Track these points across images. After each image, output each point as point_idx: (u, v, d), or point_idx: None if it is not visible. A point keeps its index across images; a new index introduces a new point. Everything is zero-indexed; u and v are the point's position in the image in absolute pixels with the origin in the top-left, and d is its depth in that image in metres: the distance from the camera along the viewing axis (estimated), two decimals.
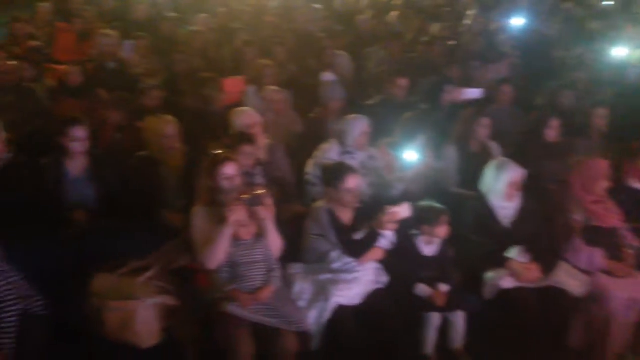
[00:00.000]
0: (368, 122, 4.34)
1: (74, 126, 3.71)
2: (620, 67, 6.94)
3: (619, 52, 7.16)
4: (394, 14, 9.46)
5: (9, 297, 2.86)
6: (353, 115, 4.42)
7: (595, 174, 3.84)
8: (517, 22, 8.75)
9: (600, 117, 5.06)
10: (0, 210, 3.11)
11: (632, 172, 4.37)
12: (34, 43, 6.41)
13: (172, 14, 8.38)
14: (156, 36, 7.04)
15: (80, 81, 5.39)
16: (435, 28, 8.57)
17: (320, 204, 3.56)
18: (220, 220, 3.14)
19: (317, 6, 9.76)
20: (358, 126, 4.29)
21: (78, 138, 3.70)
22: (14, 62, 5.25)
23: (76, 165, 3.76)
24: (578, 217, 3.80)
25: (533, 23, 9.25)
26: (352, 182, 3.49)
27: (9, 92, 4.98)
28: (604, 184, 3.86)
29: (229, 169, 3.33)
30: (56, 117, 4.70)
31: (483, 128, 4.70)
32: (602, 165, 3.89)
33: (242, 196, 3.15)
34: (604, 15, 10.67)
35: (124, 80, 5.76)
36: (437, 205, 3.59)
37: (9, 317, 2.82)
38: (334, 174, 3.53)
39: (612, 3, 11.99)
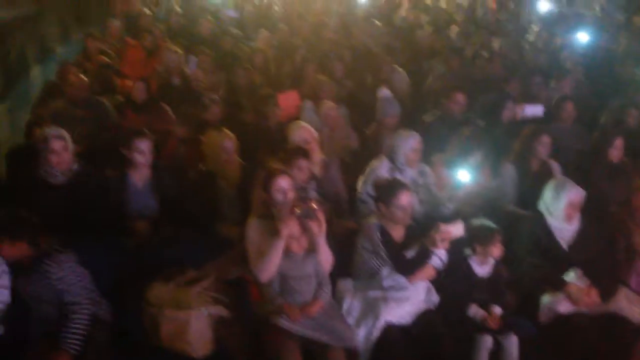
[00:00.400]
0: (419, 138, 4.31)
1: (138, 139, 3.86)
2: None
3: None
4: (454, 29, 9.43)
5: (84, 300, 3.03)
6: (404, 131, 4.41)
7: None
8: (582, 37, 8.51)
9: None
10: (67, 220, 3.29)
11: None
12: (104, 58, 6.75)
13: (235, 31, 8.68)
14: (219, 52, 7.29)
15: (146, 96, 5.61)
16: (496, 43, 8.47)
17: (372, 220, 3.57)
18: (273, 233, 3.20)
19: (376, 22, 9.86)
20: (408, 142, 4.26)
21: (142, 150, 3.85)
22: (85, 77, 5.52)
23: (140, 177, 3.91)
24: None
25: (599, 38, 8.97)
26: (404, 199, 3.47)
27: (79, 105, 5.22)
28: None
29: (283, 182, 3.38)
30: (122, 130, 4.93)
31: (543, 146, 4.58)
32: None
33: (295, 210, 3.20)
34: None
35: (188, 95, 5.99)
36: (491, 224, 3.53)
37: (82, 318, 2.98)
38: (386, 190, 3.53)
39: None
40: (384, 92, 5.77)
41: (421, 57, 8.10)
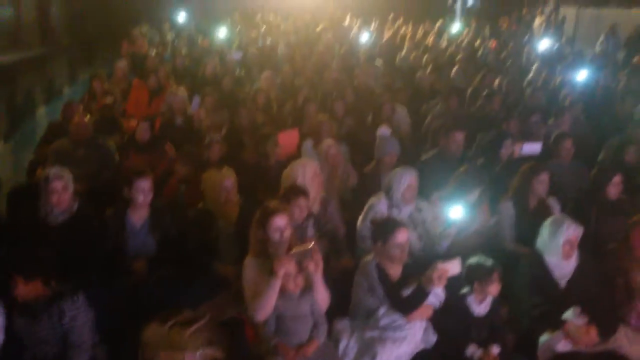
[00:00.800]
0: (415, 175, 4.34)
1: (139, 178, 3.90)
2: None
3: None
4: (454, 69, 9.58)
5: (88, 341, 3.04)
6: (399, 169, 4.45)
7: None
8: (582, 75, 8.62)
9: None
10: (65, 259, 3.31)
11: None
12: (108, 99, 6.89)
13: (238, 71, 8.88)
14: (222, 92, 7.43)
15: (149, 136, 5.69)
16: (496, 82, 8.59)
17: (369, 258, 3.57)
18: (269, 272, 3.20)
19: (378, 63, 10.04)
20: (404, 179, 4.29)
21: (142, 189, 3.89)
22: (88, 118, 5.61)
23: (139, 216, 3.95)
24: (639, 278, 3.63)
25: (598, 76, 9.08)
26: (401, 237, 3.48)
27: (81, 146, 5.30)
28: None
29: (280, 221, 3.41)
30: (124, 170, 4.99)
31: (541, 183, 4.59)
32: None
33: (291, 249, 3.21)
34: None
35: (190, 135, 6.08)
36: (489, 261, 3.52)
37: None
38: (383, 228, 3.54)
39: None
40: (383, 130, 5.85)
41: (422, 97, 8.22)
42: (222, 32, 11.79)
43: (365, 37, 12.51)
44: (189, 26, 14.16)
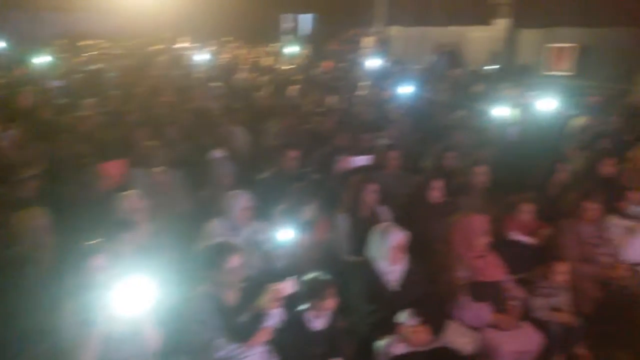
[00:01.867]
0: (248, 196, 4.29)
1: None
2: (501, 126, 7.42)
3: (500, 112, 7.65)
4: (292, 89, 9.77)
5: None
6: (234, 192, 4.36)
7: (474, 230, 3.96)
8: (407, 90, 9.22)
9: (481, 175, 5.30)
10: None
11: (512, 225, 4.57)
12: None
13: (61, 100, 8.20)
14: (40, 123, 6.78)
15: None
16: (330, 100, 8.88)
17: (202, 288, 3.39)
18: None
19: (215, 84, 9.90)
20: (238, 202, 4.23)
21: None
22: None
23: None
24: (462, 274, 3.87)
25: (423, 90, 9.80)
26: (235, 262, 3.37)
27: None
28: (484, 239, 3.98)
29: (99, 261, 3.16)
30: None
31: (371, 194, 4.78)
32: (481, 221, 4.02)
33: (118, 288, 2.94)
34: (486, 79, 11.56)
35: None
36: (323, 276, 3.53)
37: None
38: (217, 254, 3.41)
39: (495, 67, 13.09)
40: (217, 153, 5.71)
41: (261, 117, 8.23)
42: (41, 59, 10.86)
43: (201, 59, 12.33)
44: (3, 54, 12.90)
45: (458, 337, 3.64)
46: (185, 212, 5.06)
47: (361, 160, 5.80)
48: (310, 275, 3.52)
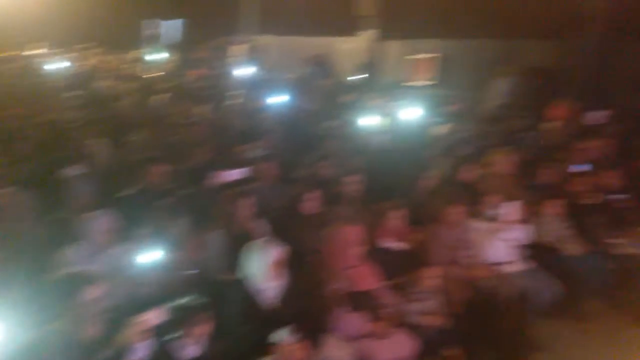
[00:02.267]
0: (109, 217, 3.95)
1: None
2: (370, 135, 7.59)
3: (369, 120, 7.81)
4: (156, 98, 9.31)
5: None
6: (91, 213, 4.00)
7: (346, 240, 3.97)
8: (279, 99, 9.14)
9: (353, 184, 5.34)
10: None
11: (383, 232, 4.65)
12: None
13: None
14: None
15: None
16: (200, 109, 8.57)
17: (55, 325, 3.02)
18: None
19: (73, 93, 9.16)
20: (99, 224, 3.88)
21: None
22: None
23: None
24: (337, 285, 3.84)
25: (295, 100, 9.80)
26: (93, 292, 3.05)
27: None
28: (356, 249, 3.99)
29: None
30: None
31: (246, 208, 4.61)
32: (352, 231, 4.04)
33: None
34: (354, 89, 11.85)
35: None
36: (195, 301, 3.31)
37: None
38: (69, 285, 3.06)
39: (362, 77, 13.49)
40: (74, 169, 5.22)
41: (124, 128, 7.71)
42: None
43: (58, 66, 11.38)
44: None
45: (336, 350, 3.60)
46: (37, 238, 4.53)
47: (232, 173, 5.62)
48: (181, 301, 3.29)
